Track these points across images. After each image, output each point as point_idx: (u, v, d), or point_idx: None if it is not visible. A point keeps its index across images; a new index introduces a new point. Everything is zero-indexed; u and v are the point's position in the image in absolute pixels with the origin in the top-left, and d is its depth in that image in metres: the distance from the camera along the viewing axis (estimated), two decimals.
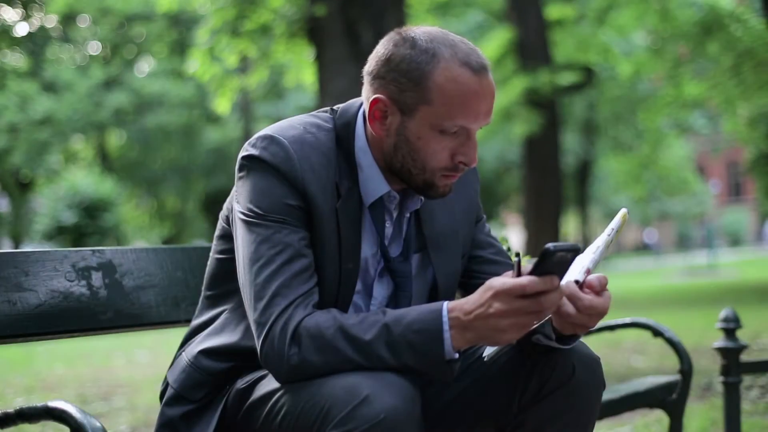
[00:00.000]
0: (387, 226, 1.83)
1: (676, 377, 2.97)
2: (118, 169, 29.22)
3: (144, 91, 27.04)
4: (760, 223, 46.56)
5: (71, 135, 27.67)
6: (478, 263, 1.96)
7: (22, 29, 27.99)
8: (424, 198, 1.83)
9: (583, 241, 33.69)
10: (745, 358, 3.15)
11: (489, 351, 1.75)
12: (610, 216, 34.99)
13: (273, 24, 8.83)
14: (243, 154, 1.77)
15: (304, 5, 8.10)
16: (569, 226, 37.87)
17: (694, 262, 27.97)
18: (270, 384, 1.70)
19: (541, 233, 14.02)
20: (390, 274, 1.83)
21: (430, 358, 1.59)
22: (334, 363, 1.60)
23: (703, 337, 7.41)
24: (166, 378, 1.90)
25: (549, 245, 1.49)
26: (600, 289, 1.66)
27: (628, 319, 3.05)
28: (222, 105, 10.16)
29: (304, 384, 1.61)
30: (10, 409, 1.67)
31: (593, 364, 1.78)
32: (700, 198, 42.02)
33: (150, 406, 5.53)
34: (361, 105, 1.83)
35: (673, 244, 48.59)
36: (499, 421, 1.82)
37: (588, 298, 1.65)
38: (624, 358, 6.89)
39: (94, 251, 2.19)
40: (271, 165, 1.72)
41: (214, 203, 30.17)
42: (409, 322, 1.60)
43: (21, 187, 28.78)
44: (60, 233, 18.96)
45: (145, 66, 30.63)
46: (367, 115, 1.77)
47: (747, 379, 5.10)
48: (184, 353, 1.89)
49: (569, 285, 1.65)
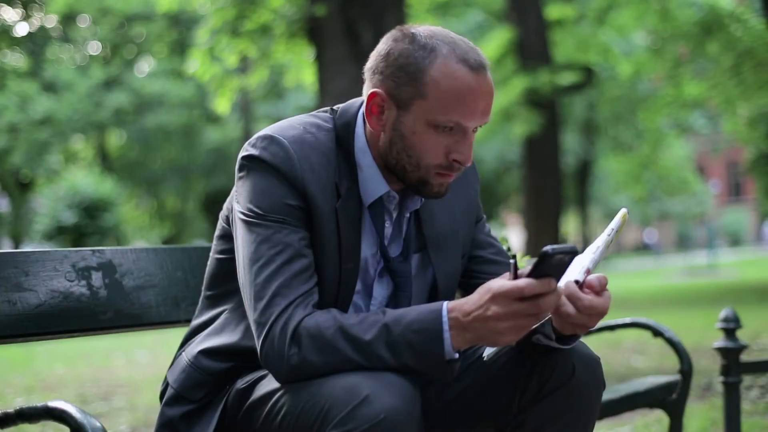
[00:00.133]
0: (387, 226, 1.83)
1: (676, 377, 2.97)
2: (118, 169, 29.22)
3: (144, 91, 27.04)
4: (760, 223, 46.55)
5: (71, 135, 27.68)
6: (478, 263, 1.96)
7: (22, 29, 28.02)
8: (423, 198, 1.83)
9: (583, 241, 33.70)
10: (745, 358, 3.15)
11: (489, 351, 1.75)
12: (610, 216, 34.96)
13: (273, 24, 8.83)
14: (243, 154, 1.77)
15: (304, 5, 8.10)
16: (569, 226, 37.85)
17: (694, 262, 27.96)
18: (270, 384, 1.70)
19: (541, 233, 14.02)
20: (390, 274, 1.83)
21: (430, 358, 1.59)
22: (334, 363, 1.60)
23: (703, 337, 7.40)
24: (166, 378, 1.90)
25: (547, 248, 1.49)
26: (600, 289, 1.66)
27: (628, 319, 3.05)
28: (222, 105, 10.15)
29: (304, 384, 1.61)
30: (10, 409, 1.67)
31: (593, 364, 1.78)
32: (700, 198, 42.00)
33: (150, 406, 5.53)
34: (361, 105, 1.82)
35: (673, 244, 48.58)
36: (499, 421, 1.82)
37: (588, 298, 1.64)
38: (624, 358, 6.88)
39: (94, 251, 2.19)
40: (271, 165, 1.72)
41: (214, 203, 30.17)
42: (409, 322, 1.60)
43: (21, 187, 28.78)
44: (60, 233, 18.95)
45: (145, 66, 30.62)
46: (364, 111, 1.77)
47: (747, 379, 5.10)
48: (184, 353, 1.89)
49: (569, 285, 1.65)
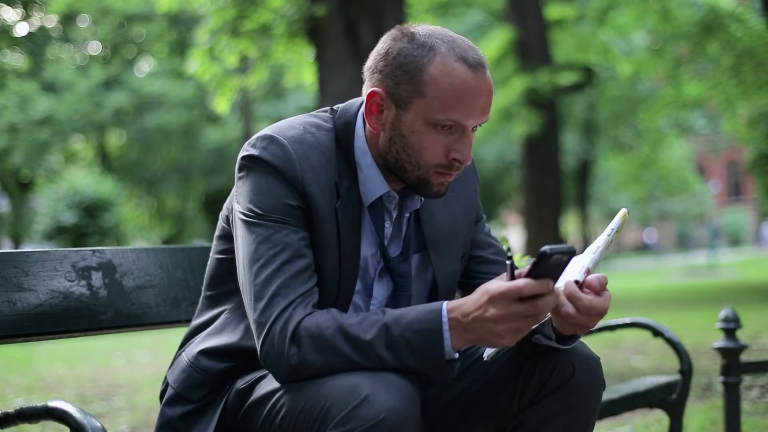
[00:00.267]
0: (387, 226, 1.83)
1: (676, 377, 2.97)
2: (118, 169, 29.23)
3: (144, 91, 27.03)
4: (760, 223, 46.55)
5: (71, 135, 27.67)
6: (478, 263, 1.96)
7: (22, 29, 27.97)
8: (423, 198, 1.83)
9: (583, 241, 33.70)
10: (745, 358, 3.15)
11: (489, 351, 1.75)
12: (610, 216, 34.98)
13: (273, 24, 8.82)
14: (243, 154, 1.77)
15: (304, 5, 8.09)
16: (569, 226, 37.83)
17: (694, 262, 27.95)
18: (270, 384, 1.70)
19: (541, 233, 14.02)
20: (390, 274, 1.83)
21: (430, 358, 1.59)
22: (333, 363, 1.60)
23: (703, 337, 7.40)
24: (166, 378, 1.90)
25: (545, 248, 1.49)
26: (600, 289, 1.66)
27: (628, 319, 3.05)
28: (222, 105, 10.14)
29: (304, 384, 1.61)
30: (10, 409, 1.67)
31: (593, 364, 1.78)
32: (700, 198, 41.99)
33: (150, 406, 5.53)
34: (361, 105, 1.82)
35: (673, 244, 48.57)
36: (499, 421, 1.82)
37: (588, 298, 1.64)
38: (624, 358, 6.88)
39: (94, 251, 2.19)
40: (271, 165, 1.72)
41: (214, 203, 30.18)
42: (409, 322, 1.60)
43: (21, 187, 28.76)
44: (60, 233, 18.93)
45: (145, 66, 30.61)
46: (364, 110, 1.77)
47: (747, 379, 5.10)
48: (184, 353, 1.89)
49: (569, 285, 1.65)
